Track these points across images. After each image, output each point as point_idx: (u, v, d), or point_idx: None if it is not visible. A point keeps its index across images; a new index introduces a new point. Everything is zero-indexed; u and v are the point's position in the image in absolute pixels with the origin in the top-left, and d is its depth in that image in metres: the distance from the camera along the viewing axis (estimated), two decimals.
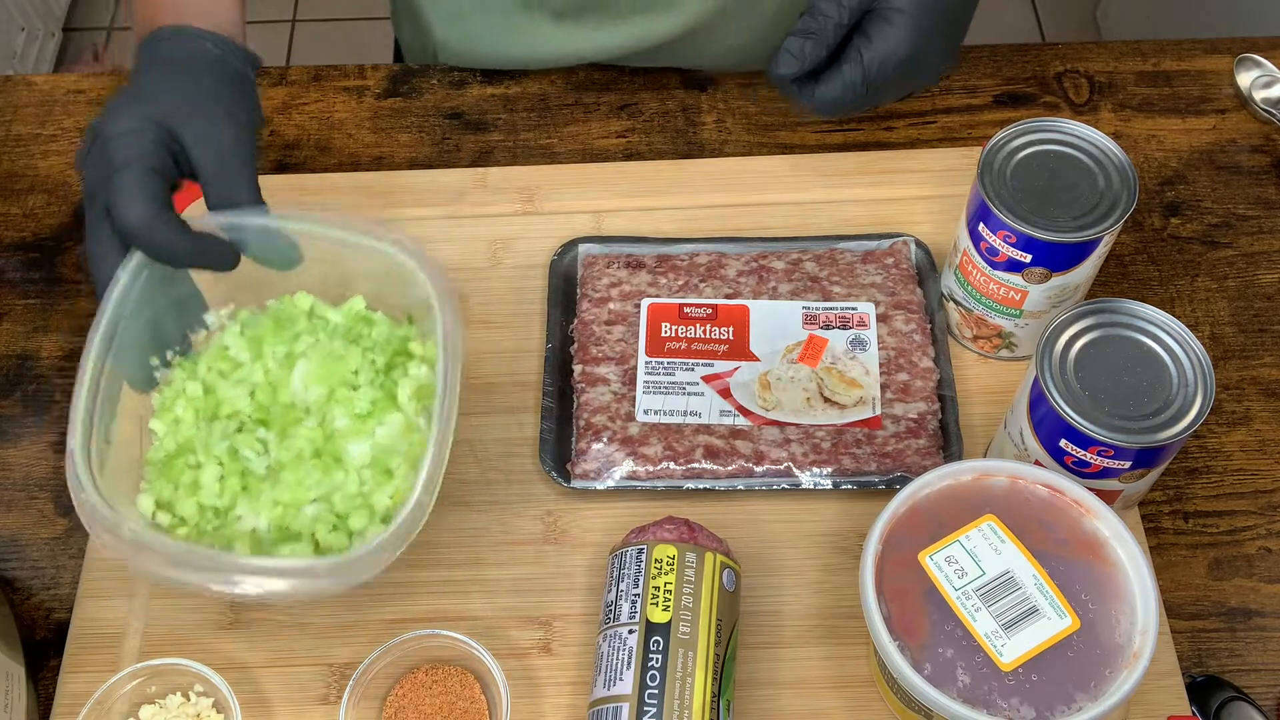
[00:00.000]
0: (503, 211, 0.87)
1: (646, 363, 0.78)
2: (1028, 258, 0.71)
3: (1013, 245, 0.71)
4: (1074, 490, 0.65)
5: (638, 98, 0.94)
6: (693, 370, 0.78)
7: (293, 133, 0.93)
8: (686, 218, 0.86)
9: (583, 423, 0.76)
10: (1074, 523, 0.64)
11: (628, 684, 0.63)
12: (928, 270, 0.82)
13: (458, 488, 0.76)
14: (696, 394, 0.77)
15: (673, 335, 0.79)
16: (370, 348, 0.72)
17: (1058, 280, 0.72)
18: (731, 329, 0.79)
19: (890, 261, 0.82)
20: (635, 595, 0.65)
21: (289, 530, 0.67)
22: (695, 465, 0.74)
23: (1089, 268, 0.72)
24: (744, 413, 0.76)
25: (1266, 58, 0.93)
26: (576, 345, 0.80)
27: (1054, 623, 0.61)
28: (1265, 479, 0.78)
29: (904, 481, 0.73)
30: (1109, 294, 0.82)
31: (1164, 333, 0.67)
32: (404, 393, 0.70)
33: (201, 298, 0.72)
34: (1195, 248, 0.87)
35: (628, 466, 0.75)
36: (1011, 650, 0.60)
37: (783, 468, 0.74)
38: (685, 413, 0.76)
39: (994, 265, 0.73)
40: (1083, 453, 0.66)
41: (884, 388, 0.77)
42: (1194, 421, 0.64)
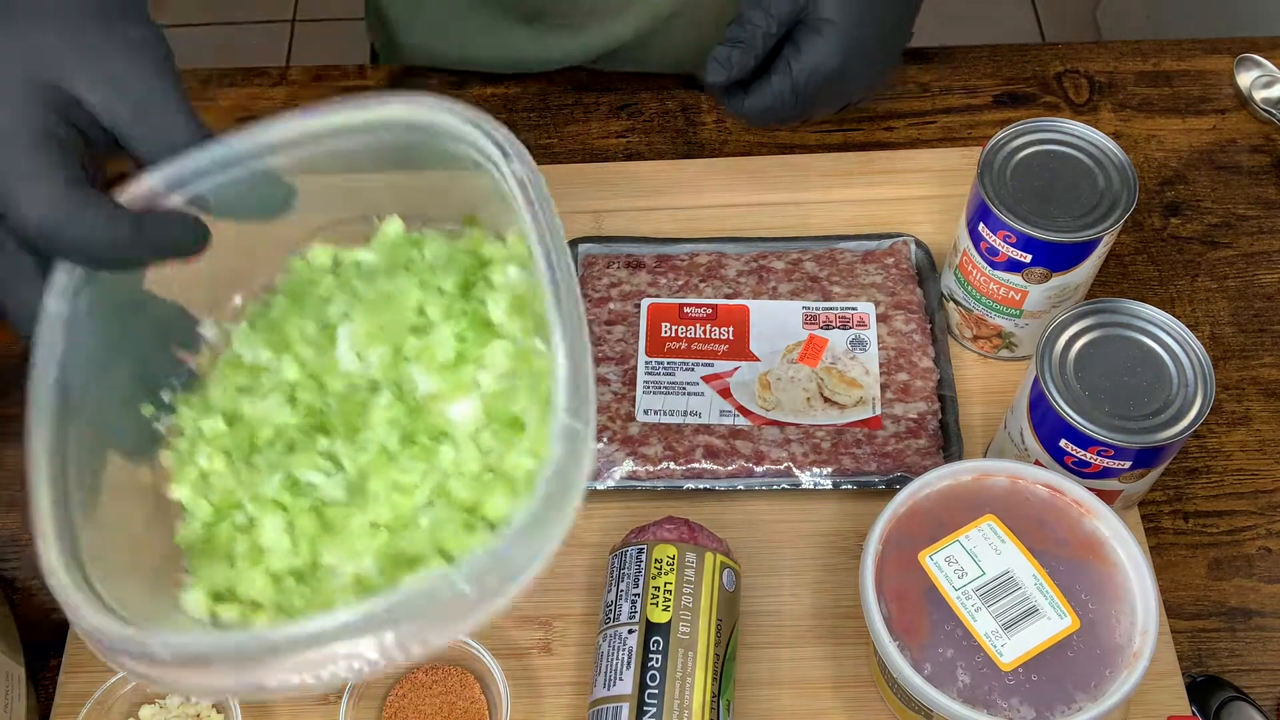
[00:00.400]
0: None
1: (646, 363, 0.78)
2: (1028, 258, 0.71)
3: (1013, 245, 0.71)
4: (1074, 490, 0.65)
5: (638, 98, 0.94)
6: (693, 370, 0.78)
7: None
8: (686, 218, 0.86)
9: None
10: (1074, 523, 0.64)
11: (628, 684, 0.63)
12: (928, 270, 0.82)
13: None
14: (696, 394, 0.77)
15: (673, 335, 0.79)
16: (428, 271, 0.53)
17: (1058, 280, 0.72)
18: (731, 329, 0.79)
19: (890, 261, 0.82)
20: (635, 595, 0.65)
21: (405, 557, 0.48)
22: (695, 465, 0.74)
23: (1089, 268, 0.72)
24: (744, 413, 0.76)
25: (1266, 58, 0.93)
26: None
27: (1054, 623, 0.61)
28: (1265, 479, 0.78)
29: (904, 481, 0.73)
30: (1109, 294, 0.82)
31: (1164, 333, 0.67)
32: (497, 310, 0.51)
33: (182, 308, 0.53)
34: (1195, 248, 0.87)
35: (628, 466, 0.75)
36: (1011, 650, 0.60)
37: (783, 468, 0.74)
38: (685, 413, 0.76)
39: (994, 265, 0.73)
40: (1083, 453, 0.66)
41: (884, 388, 0.77)
42: (1194, 421, 0.64)
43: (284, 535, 0.48)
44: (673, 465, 0.75)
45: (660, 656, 0.63)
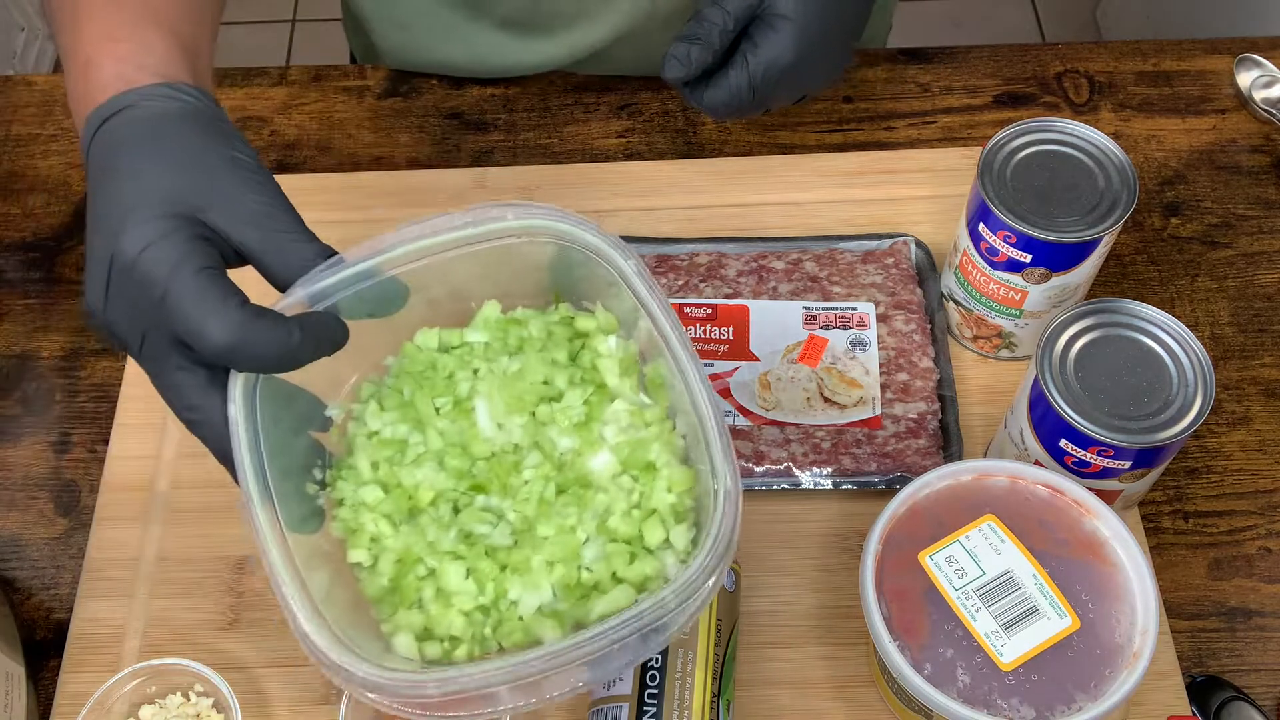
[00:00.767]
0: None
1: None
2: (1028, 258, 0.71)
3: (1013, 245, 0.71)
4: (1074, 490, 0.65)
5: (638, 98, 0.94)
6: None
7: (293, 133, 0.93)
8: (686, 218, 0.86)
9: None
10: (1074, 523, 0.64)
11: (627, 684, 0.63)
12: (928, 270, 0.82)
13: None
14: None
15: None
16: (541, 347, 0.61)
17: (1058, 280, 0.72)
18: (731, 329, 0.79)
19: (890, 261, 0.82)
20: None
21: (583, 586, 0.57)
22: None
23: (1089, 268, 0.72)
24: (744, 413, 0.76)
25: (1266, 58, 0.93)
26: None
27: (1054, 623, 0.61)
28: (1265, 479, 0.78)
29: (904, 481, 0.73)
30: (1109, 294, 0.82)
31: (1164, 333, 0.67)
32: (611, 375, 0.60)
33: (314, 395, 0.60)
34: (1195, 248, 0.87)
35: None
36: (1011, 650, 0.60)
37: (783, 468, 0.74)
38: None
39: (994, 265, 0.73)
40: (1083, 453, 0.66)
41: (884, 388, 0.77)
42: (1194, 421, 0.64)
43: (467, 580, 0.56)
44: None
45: (660, 656, 0.63)
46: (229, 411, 0.54)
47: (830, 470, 0.74)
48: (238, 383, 0.54)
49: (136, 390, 0.80)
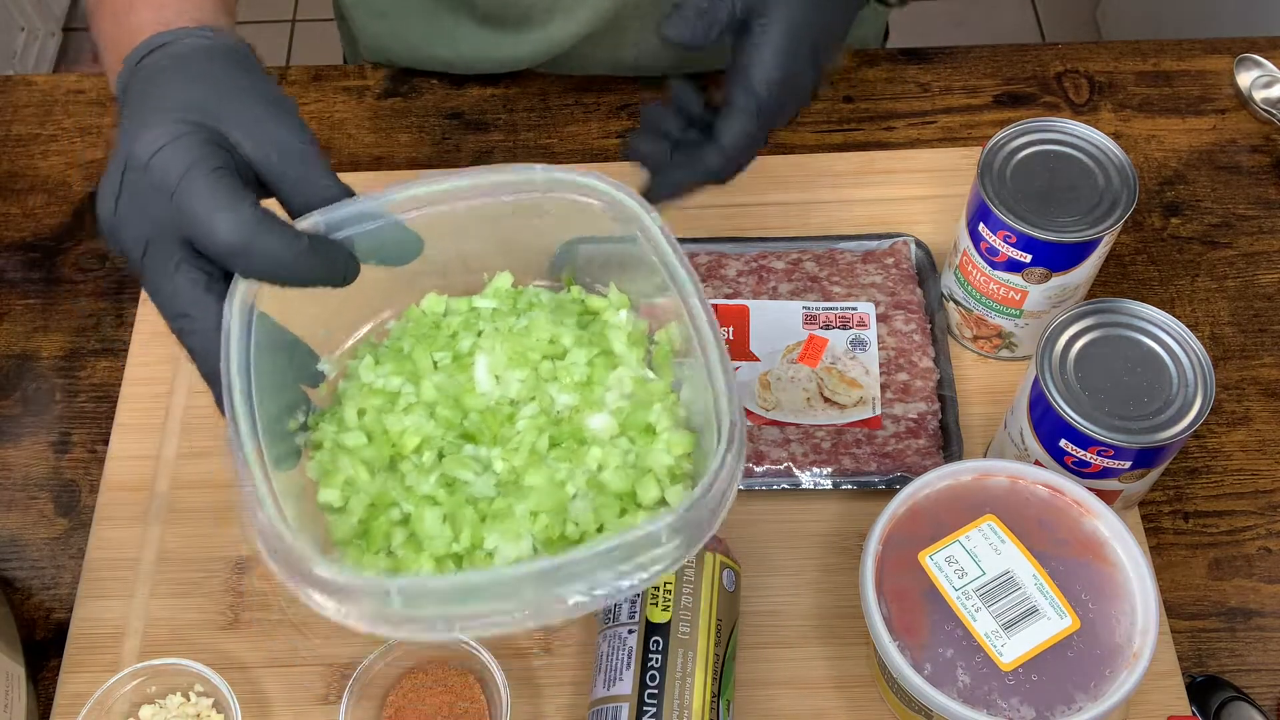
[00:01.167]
0: None
1: None
2: (1028, 258, 0.71)
3: (1013, 245, 0.71)
4: (1074, 490, 0.65)
5: (638, 98, 0.94)
6: None
7: None
8: (686, 218, 0.86)
9: None
10: (1074, 523, 0.64)
11: (627, 684, 0.63)
12: (928, 270, 0.82)
13: None
14: None
15: None
16: (551, 311, 0.61)
17: (1058, 280, 0.72)
18: (731, 329, 0.79)
19: (890, 261, 0.82)
20: (635, 595, 0.65)
21: (566, 540, 0.55)
22: None
23: (1089, 268, 0.72)
24: (744, 413, 0.76)
25: (1266, 58, 0.93)
26: None
27: (1054, 623, 0.61)
28: (1265, 479, 0.78)
29: (904, 481, 0.73)
30: (1109, 294, 0.82)
31: (1164, 333, 0.67)
32: (618, 343, 0.59)
33: (310, 348, 0.59)
34: (1195, 248, 0.87)
35: None
36: (1011, 650, 0.60)
37: (782, 468, 0.74)
38: None
39: (994, 265, 0.73)
40: (1083, 453, 0.66)
41: (884, 388, 0.77)
42: (1194, 421, 0.64)
43: (443, 525, 0.54)
44: None
45: (660, 656, 0.63)
46: (224, 317, 0.52)
47: (830, 470, 0.74)
48: (236, 296, 0.53)
49: (136, 390, 0.80)
